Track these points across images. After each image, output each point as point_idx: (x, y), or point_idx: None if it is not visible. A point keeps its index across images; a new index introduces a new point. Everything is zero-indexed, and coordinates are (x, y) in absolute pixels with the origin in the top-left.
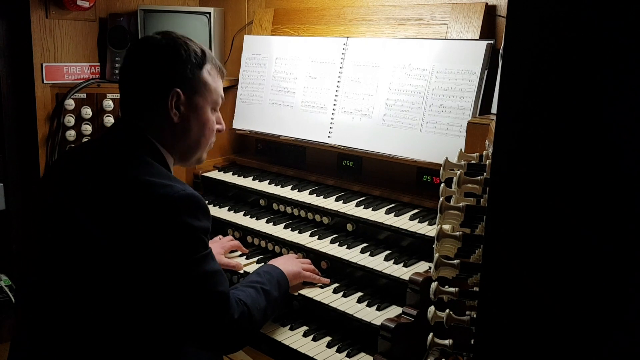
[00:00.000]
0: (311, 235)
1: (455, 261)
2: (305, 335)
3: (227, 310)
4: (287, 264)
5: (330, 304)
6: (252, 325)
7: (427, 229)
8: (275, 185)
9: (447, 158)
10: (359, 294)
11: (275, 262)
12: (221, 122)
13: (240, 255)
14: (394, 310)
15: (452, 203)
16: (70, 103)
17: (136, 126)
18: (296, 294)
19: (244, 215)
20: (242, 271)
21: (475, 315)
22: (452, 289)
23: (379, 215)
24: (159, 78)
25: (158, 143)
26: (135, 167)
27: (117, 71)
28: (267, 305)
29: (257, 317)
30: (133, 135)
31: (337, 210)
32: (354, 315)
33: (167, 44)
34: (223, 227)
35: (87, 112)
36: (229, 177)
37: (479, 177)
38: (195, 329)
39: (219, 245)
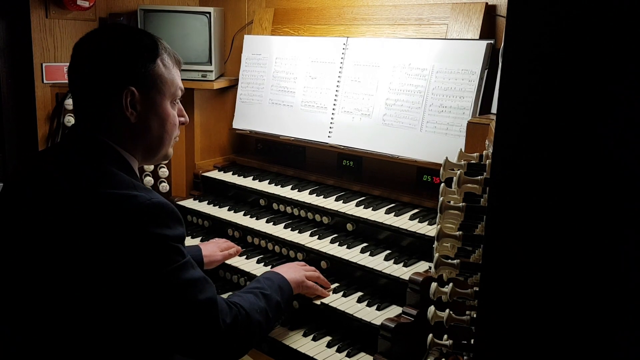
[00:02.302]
0: (311, 235)
1: (455, 261)
2: (305, 335)
3: (215, 317)
4: (290, 271)
5: (330, 304)
6: (251, 327)
7: (427, 229)
8: (275, 185)
9: (447, 158)
10: (359, 293)
11: (278, 269)
12: (184, 115)
13: (240, 255)
14: (394, 310)
15: (452, 203)
16: (70, 103)
17: (92, 132)
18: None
19: (244, 215)
20: (237, 265)
21: (475, 315)
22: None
23: (379, 215)
24: (109, 78)
25: (118, 146)
26: (96, 180)
27: None
28: (268, 308)
29: (257, 319)
30: (90, 143)
31: (337, 210)
32: (354, 315)
33: (114, 40)
34: (223, 227)
35: None
36: (229, 177)
37: (479, 177)
38: (185, 340)
39: (214, 245)
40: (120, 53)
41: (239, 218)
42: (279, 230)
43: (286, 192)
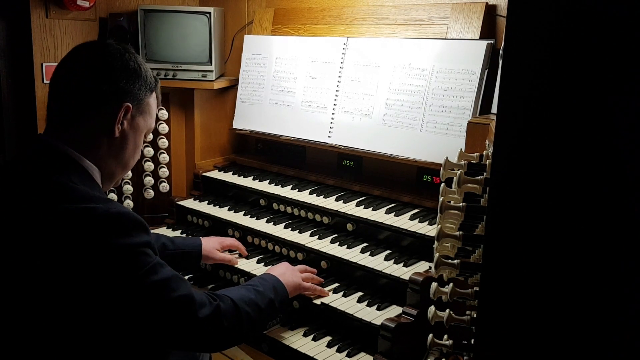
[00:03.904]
0: (311, 235)
1: (455, 261)
2: (305, 335)
3: (193, 311)
4: (287, 273)
5: (330, 304)
6: (239, 317)
7: (428, 229)
8: (275, 185)
9: (447, 158)
10: (359, 293)
11: (274, 270)
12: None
13: (240, 257)
14: (394, 310)
15: (452, 203)
16: None
17: (57, 139)
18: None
19: (244, 215)
20: (237, 264)
21: (475, 315)
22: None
23: (379, 215)
24: (115, 88)
25: (86, 157)
26: (53, 195)
27: None
28: (260, 302)
29: (246, 309)
30: (51, 154)
31: (337, 210)
32: (354, 315)
33: (126, 57)
34: (223, 227)
35: None
36: (229, 177)
37: (479, 177)
38: (168, 338)
39: (216, 240)
40: (131, 70)
41: (239, 218)
42: (279, 230)
43: (286, 192)
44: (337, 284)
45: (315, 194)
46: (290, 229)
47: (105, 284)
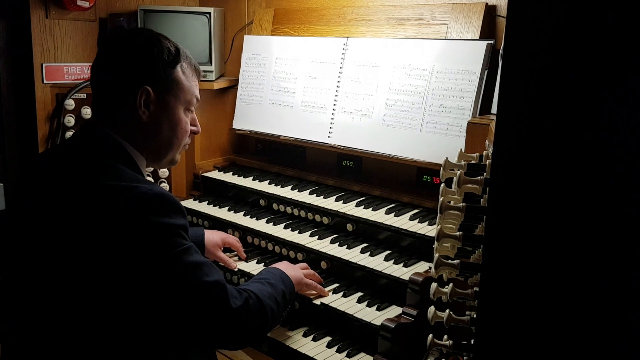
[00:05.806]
0: (311, 235)
1: (455, 261)
2: (305, 335)
3: (225, 299)
4: (289, 268)
5: (330, 304)
6: (264, 311)
7: (427, 229)
8: (275, 185)
9: (447, 158)
10: (359, 294)
11: (276, 265)
12: (196, 124)
13: (239, 260)
14: (394, 310)
15: (452, 203)
16: (70, 103)
17: (105, 127)
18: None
19: (244, 215)
20: (236, 269)
21: (475, 316)
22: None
23: (379, 216)
24: (128, 75)
25: (128, 143)
26: (99, 173)
27: None
28: (276, 295)
29: (268, 303)
30: (98, 138)
31: (337, 211)
32: (354, 315)
33: (138, 41)
34: (223, 227)
35: (87, 112)
36: (229, 177)
37: (479, 177)
38: (197, 325)
39: (219, 237)
40: (142, 53)
41: (239, 218)
42: (279, 231)
43: (286, 192)
44: (337, 284)
45: (315, 194)
46: (290, 229)
47: (139, 260)
